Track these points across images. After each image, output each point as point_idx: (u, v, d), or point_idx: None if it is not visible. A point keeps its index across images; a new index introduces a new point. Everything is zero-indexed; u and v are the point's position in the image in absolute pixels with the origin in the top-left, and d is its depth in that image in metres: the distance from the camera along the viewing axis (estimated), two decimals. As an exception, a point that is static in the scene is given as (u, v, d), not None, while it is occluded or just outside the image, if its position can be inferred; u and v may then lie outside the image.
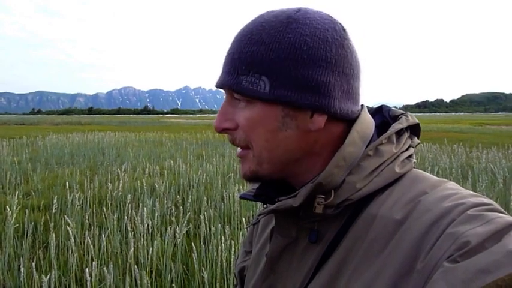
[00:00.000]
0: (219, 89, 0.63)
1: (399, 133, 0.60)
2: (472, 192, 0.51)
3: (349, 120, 0.60)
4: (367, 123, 0.60)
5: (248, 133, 0.59)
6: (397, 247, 0.49)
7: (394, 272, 0.47)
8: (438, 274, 0.42)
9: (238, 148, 0.63)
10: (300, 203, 0.56)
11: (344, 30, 0.58)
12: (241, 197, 0.68)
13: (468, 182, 5.81)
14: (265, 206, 0.65)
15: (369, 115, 0.63)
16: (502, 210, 0.48)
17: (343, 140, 0.58)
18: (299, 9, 0.58)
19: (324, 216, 0.57)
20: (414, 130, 0.64)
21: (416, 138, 0.63)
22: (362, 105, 0.63)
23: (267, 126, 0.57)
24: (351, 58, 0.58)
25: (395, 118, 0.63)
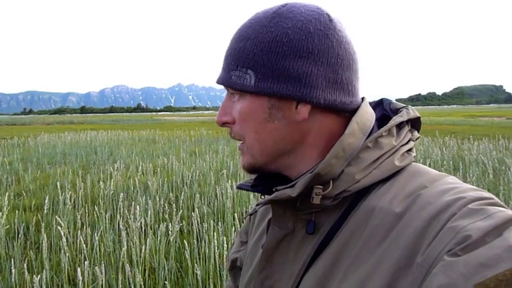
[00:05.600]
0: (218, 87, 0.66)
1: (399, 126, 0.60)
2: (472, 186, 0.51)
3: (347, 112, 0.60)
4: (367, 115, 0.60)
5: (241, 126, 0.62)
6: (397, 240, 0.48)
7: (393, 265, 0.47)
8: (438, 268, 0.42)
9: (238, 141, 0.65)
10: (298, 193, 0.56)
11: (330, 20, 0.58)
12: (239, 187, 0.68)
13: (459, 174, 5.87)
14: (262, 197, 0.66)
15: (370, 107, 0.63)
16: (503, 204, 0.48)
17: (338, 131, 0.58)
18: (285, 4, 0.60)
19: (322, 207, 0.57)
20: (414, 124, 0.63)
21: (416, 132, 0.63)
22: (363, 98, 0.63)
23: (256, 118, 0.60)
24: (338, 48, 0.57)
25: (396, 111, 0.63)
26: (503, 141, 10.51)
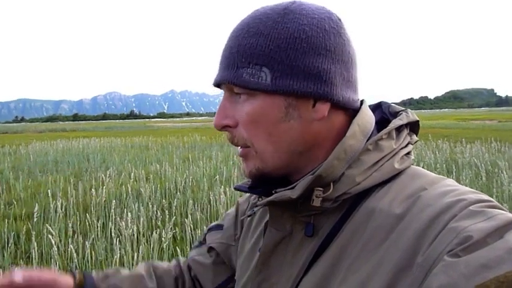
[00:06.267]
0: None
1: (399, 129, 0.60)
2: (471, 189, 0.51)
3: (349, 111, 0.60)
4: (368, 117, 0.60)
5: (249, 128, 0.58)
6: (397, 241, 0.48)
7: (394, 266, 0.47)
8: (439, 268, 0.42)
9: (239, 147, 0.62)
10: (299, 195, 0.55)
11: (339, 19, 0.59)
12: (236, 188, 0.67)
13: (452, 177, 5.88)
14: (260, 198, 0.64)
15: (370, 110, 0.63)
16: (502, 207, 0.48)
17: (343, 132, 0.58)
18: (294, 1, 0.58)
19: (322, 209, 0.56)
20: (413, 127, 0.63)
21: (415, 136, 0.63)
22: (363, 100, 0.63)
23: (270, 118, 0.57)
24: (348, 46, 0.58)
25: (395, 114, 0.63)
26: (496, 143, 10.59)
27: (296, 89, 0.55)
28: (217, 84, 0.61)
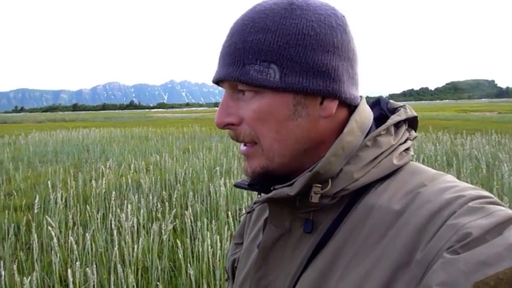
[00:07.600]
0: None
1: (397, 125, 0.60)
2: (470, 185, 0.51)
3: (351, 108, 0.60)
4: (366, 113, 0.60)
5: (256, 126, 0.57)
6: (396, 237, 0.48)
7: (393, 262, 0.47)
8: (438, 265, 0.42)
9: (242, 145, 0.61)
10: (297, 192, 0.55)
11: (343, 16, 0.59)
12: (236, 186, 0.67)
13: (453, 169, 5.88)
14: (259, 195, 0.64)
15: (368, 107, 0.63)
16: (502, 203, 0.48)
17: (343, 129, 0.58)
18: None
19: (320, 206, 0.56)
20: (412, 123, 0.63)
21: (413, 132, 0.63)
22: (361, 96, 0.62)
23: (277, 116, 0.56)
24: (353, 43, 0.59)
25: (394, 111, 0.63)
26: (496, 135, 10.58)
27: (306, 86, 0.54)
28: (217, 81, 0.60)
